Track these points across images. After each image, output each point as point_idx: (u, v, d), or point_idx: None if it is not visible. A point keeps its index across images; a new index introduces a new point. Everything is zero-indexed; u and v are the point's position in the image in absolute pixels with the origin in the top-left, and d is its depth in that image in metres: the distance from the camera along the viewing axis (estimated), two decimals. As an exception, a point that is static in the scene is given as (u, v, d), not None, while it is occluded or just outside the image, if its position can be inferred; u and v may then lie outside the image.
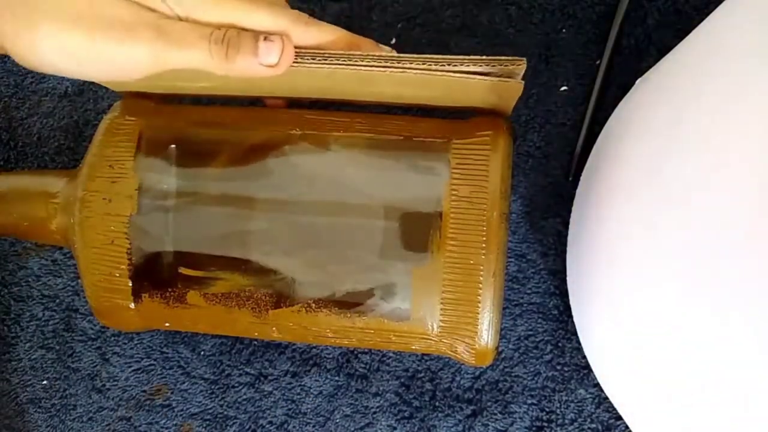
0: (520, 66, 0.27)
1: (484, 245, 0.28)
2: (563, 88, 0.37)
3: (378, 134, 0.30)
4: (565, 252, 0.36)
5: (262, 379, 0.37)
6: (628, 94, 0.34)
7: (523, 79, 0.27)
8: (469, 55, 0.28)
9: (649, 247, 0.25)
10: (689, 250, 0.22)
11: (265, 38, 0.23)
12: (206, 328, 0.31)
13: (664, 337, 0.24)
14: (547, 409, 0.35)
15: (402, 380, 0.36)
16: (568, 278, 0.35)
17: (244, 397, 0.37)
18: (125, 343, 0.38)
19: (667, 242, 0.23)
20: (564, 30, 0.38)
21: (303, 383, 0.37)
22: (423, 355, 0.36)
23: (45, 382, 0.38)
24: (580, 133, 0.37)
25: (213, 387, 0.37)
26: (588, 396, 0.35)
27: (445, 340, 0.29)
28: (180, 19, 0.24)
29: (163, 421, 0.37)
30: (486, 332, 0.28)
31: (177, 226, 0.29)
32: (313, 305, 0.29)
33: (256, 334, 0.31)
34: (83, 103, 0.40)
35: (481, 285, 0.28)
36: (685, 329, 0.23)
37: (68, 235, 0.31)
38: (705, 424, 0.24)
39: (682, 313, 0.23)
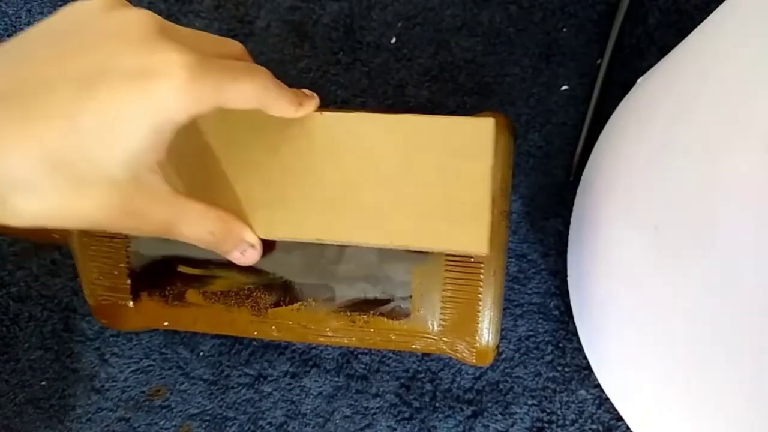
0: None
1: (484, 244, 0.28)
2: (564, 88, 0.37)
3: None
4: (565, 252, 0.36)
5: (261, 379, 0.37)
6: (629, 94, 0.34)
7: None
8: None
9: (649, 247, 0.25)
10: (690, 249, 0.22)
11: (243, 251, 0.27)
12: (205, 327, 0.31)
13: (664, 337, 0.24)
14: (547, 410, 0.35)
15: (402, 381, 0.36)
16: (568, 278, 0.35)
17: (244, 397, 0.37)
18: (124, 344, 0.38)
19: (667, 242, 0.23)
20: (565, 29, 0.38)
21: (302, 384, 0.36)
22: (423, 355, 0.36)
23: (44, 382, 0.38)
24: (581, 133, 0.36)
25: (212, 388, 0.37)
26: (589, 397, 0.35)
27: (445, 339, 0.29)
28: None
29: (162, 422, 0.37)
30: (486, 331, 0.28)
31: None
32: (313, 303, 0.29)
33: (255, 333, 0.31)
34: (82, 102, 0.40)
35: (481, 283, 0.28)
36: (686, 329, 0.23)
37: (67, 235, 0.31)
38: (705, 425, 0.23)
39: (683, 313, 0.22)
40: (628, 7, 0.37)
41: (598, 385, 0.35)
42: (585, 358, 0.35)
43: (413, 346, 0.30)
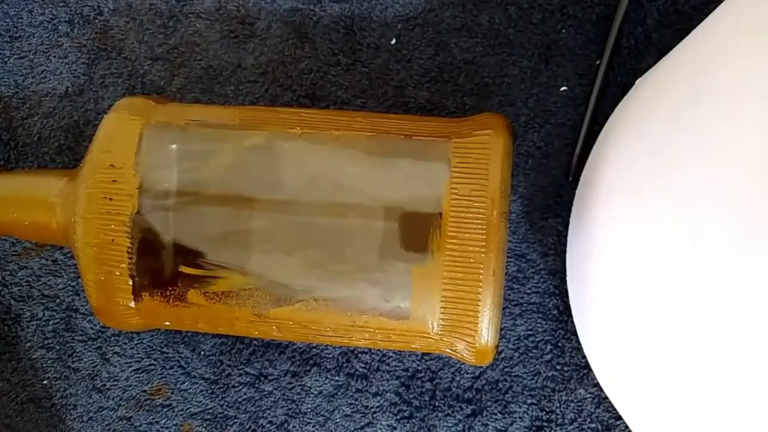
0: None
1: (483, 244, 0.28)
2: (563, 89, 0.37)
3: (378, 133, 0.30)
4: (564, 252, 0.36)
5: (262, 378, 0.37)
6: (628, 94, 0.34)
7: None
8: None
9: (648, 248, 0.25)
10: (688, 250, 0.22)
11: None
12: (207, 327, 0.31)
13: (663, 336, 0.24)
14: (546, 409, 0.35)
15: (402, 380, 0.36)
16: (567, 278, 0.35)
17: (245, 396, 0.37)
18: (125, 343, 0.38)
19: (666, 242, 0.23)
20: (564, 30, 0.38)
21: (303, 383, 0.37)
22: (423, 354, 0.36)
23: (45, 381, 0.38)
24: (579, 133, 0.37)
25: (213, 387, 0.37)
26: (588, 396, 0.35)
27: (445, 339, 0.29)
28: None
29: (164, 421, 0.37)
30: (486, 330, 0.29)
31: (177, 225, 0.29)
32: (314, 304, 0.29)
33: (256, 333, 0.31)
34: (84, 103, 0.40)
35: (481, 283, 0.28)
36: (685, 328, 0.23)
37: (69, 234, 0.31)
38: (705, 424, 0.24)
39: (682, 313, 0.23)
40: (626, 8, 0.37)
41: (597, 384, 0.35)
42: (584, 357, 0.35)
43: (413, 346, 0.30)
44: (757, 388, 0.20)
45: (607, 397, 0.35)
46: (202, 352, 0.37)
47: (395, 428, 0.36)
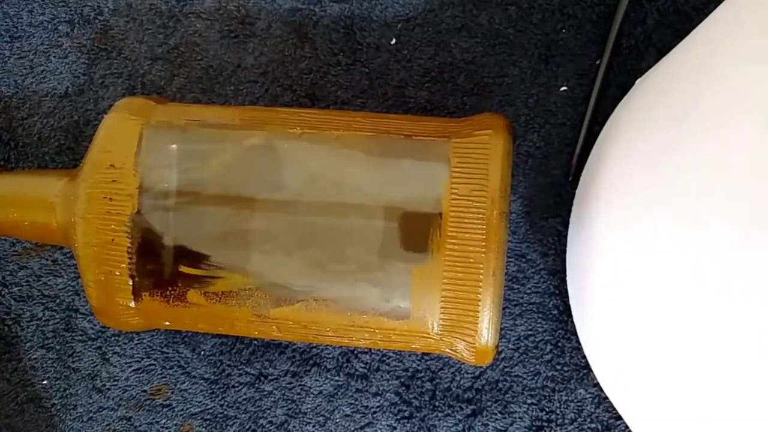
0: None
1: (483, 244, 0.28)
2: (563, 89, 0.37)
3: (378, 133, 0.30)
4: (564, 252, 0.36)
5: (262, 378, 0.37)
6: (628, 94, 0.34)
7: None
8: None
9: (648, 248, 0.25)
10: (689, 250, 0.22)
11: None
12: (207, 327, 0.31)
13: (663, 336, 0.24)
14: (546, 409, 0.35)
15: (402, 380, 0.36)
16: (567, 278, 0.35)
17: (244, 396, 0.37)
18: (125, 343, 0.38)
19: (666, 242, 0.23)
20: (564, 30, 0.38)
21: (303, 383, 0.37)
22: (423, 354, 0.36)
23: (45, 381, 0.38)
24: (579, 133, 0.37)
25: (213, 387, 0.37)
26: (588, 396, 0.35)
27: (445, 339, 0.29)
28: None
29: (164, 421, 0.37)
30: (486, 330, 0.29)
31: (177, 225, 0.29)
32: (314, 304, 0.29)
33: (256, 333, 0.31)
34: (84, 103, 0.40)
35: (481, 283, 0.28)
36: (685, 328, 0.23)
37: (69, 234, 0.31)
38: (705, 424, 0.24)
39: (682, 313, 0.23)
40: (626, 8, 0.37)
41: (597, 384, 0.35)
42: (584, 357, 0.35)
43: (413, 346, 0.30)
44: (757, 388, 0.20)
45: (607, 397, 0.35)
46: (202, 352, 0.37)
47: (395, 428, 0.36)
